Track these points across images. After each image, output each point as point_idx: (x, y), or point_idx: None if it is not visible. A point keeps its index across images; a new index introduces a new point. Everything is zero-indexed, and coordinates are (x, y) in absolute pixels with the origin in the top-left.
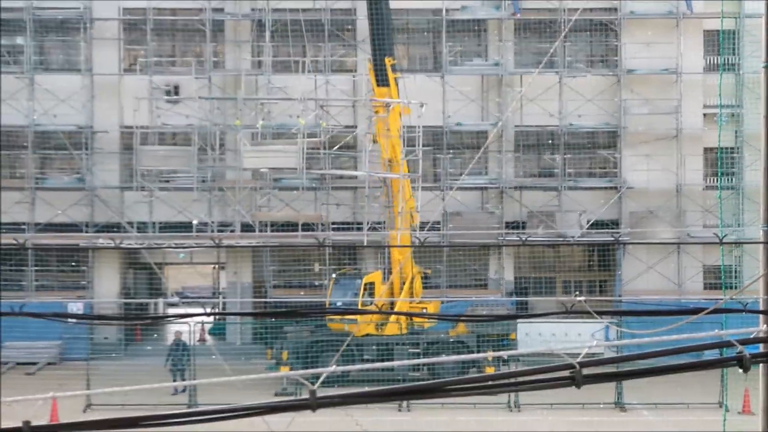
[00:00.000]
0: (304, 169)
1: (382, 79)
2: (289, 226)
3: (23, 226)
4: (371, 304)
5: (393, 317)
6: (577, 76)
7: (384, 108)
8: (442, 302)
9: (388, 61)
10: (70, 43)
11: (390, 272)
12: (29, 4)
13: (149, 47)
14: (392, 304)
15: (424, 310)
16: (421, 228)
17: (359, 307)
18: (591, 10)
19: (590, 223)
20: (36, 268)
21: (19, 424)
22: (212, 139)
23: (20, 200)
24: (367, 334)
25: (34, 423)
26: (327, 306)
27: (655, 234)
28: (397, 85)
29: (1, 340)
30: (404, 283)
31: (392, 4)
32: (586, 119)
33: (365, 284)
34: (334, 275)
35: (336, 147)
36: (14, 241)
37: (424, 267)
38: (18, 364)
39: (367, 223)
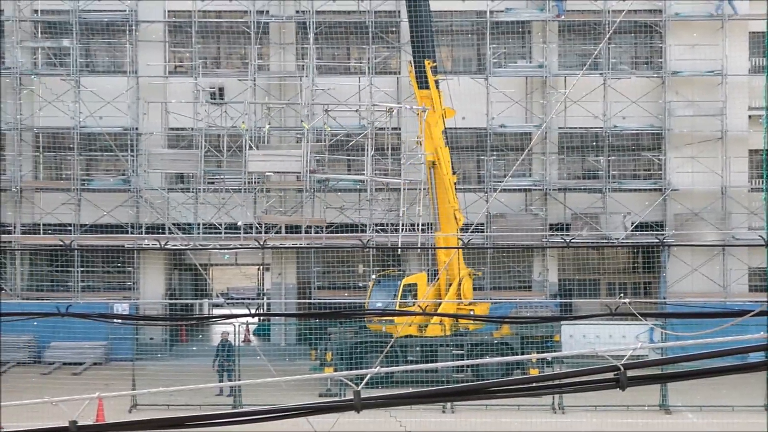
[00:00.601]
0: (308, 173)
1: (422, 82)
2: (334, 228)
3: (69, 227)
4: (413, 305)
5: (436, 319)
6: (621, 78)
7: (425, 111)
8: (491, 304)
9: (428, 63)
10: (115, 46)
11: (437, 273)
12: (76, 7)
13: (194, 50)
14: (436, 305)
15: (471, 312)
16: (465, 229)
17: (397, 308)
18: (635, 11)
19: (635, 225)
20: (82, 269)
21: (66, 424)
22: (256, 141)
23: (66, 201)
24: (410, 336)
25: (81, 423)
26: (366, 307)
27: (700, 236)
28: (439, 87)
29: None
30: (451, 285)
31: (436, 6)
32: (631, 121)
33: (406, 285)
34: (374, 276)
35: (345, 149)
36: (60, 242)
37: (473, 269)
38: (64, 364)
39: (373, 226)
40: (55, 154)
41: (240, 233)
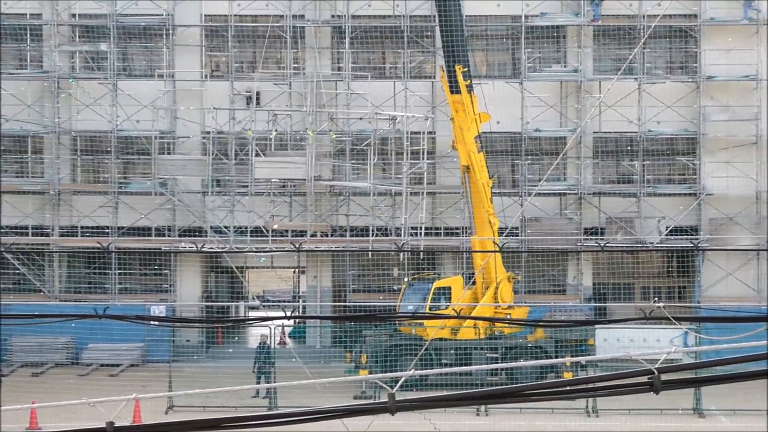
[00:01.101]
0: (313, 179)
1: (454, 87)
2: (366, 232)
3: (107, 230)
4: (446, 308)
5: (469, 322)
6: (656, 83)
7: (459, 114)
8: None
9: (458, 68)
10: (152, 50)
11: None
12: (113, 11)
13: (230, 54)
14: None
15: (508, 316)
16: (501, 233)
17: (427, 311)
18: (670, 16)
19: (669, 229)
20: (119, 271)
21: (103, 425)
22: (290, 145)
23: (104, 204)
24: (444, 339)
25: (118, 424)
26: (397, 310)
27: (734, 240)
28: (472, 91)
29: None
30: (488, 288)
31: (472, 11)
32: (665, 125)
33: (438, 289)
34: (407, 280)
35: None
36: (98, 245)
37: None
38: (102, 365)
39: (374, 230)
40: (93, 157)
41: (268, 237)
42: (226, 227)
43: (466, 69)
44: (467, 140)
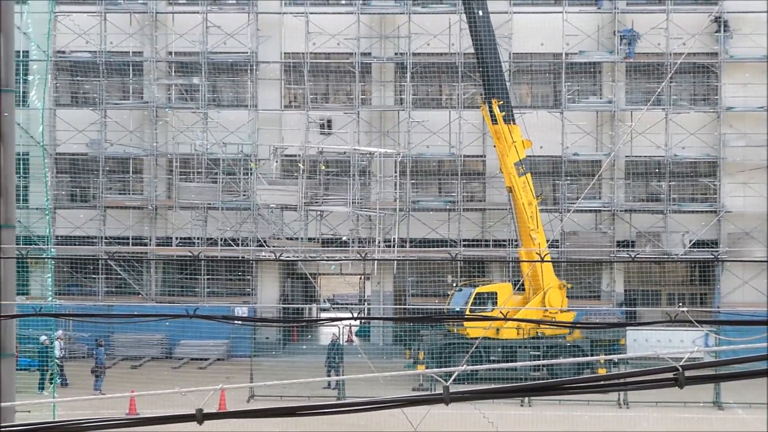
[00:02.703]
0: (303, 204)
1: (493, 118)
2: (426, 243)
3: (197, 241)
4: (491, 310)
5: (510, 323)
6: (681, 113)
7: (500, 141)
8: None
9: (495, 102)
10: (238, 83)
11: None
12: (204, 49)
13: (306, 86)
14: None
15: (553, 319)
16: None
17: (467, 313)
18: (694, 54)
19: (692, 242)
20: (207, 276)
21: (193, 412)
22: (356, 167)
23: (194, 218)
24: (488, 338)
25: (206, 410)
26: (445, 312)
27: (750, 253)
28: (509, 122)
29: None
30: (535, 294)
31: (518, 48)
32: (689, 151)
33: (479, 294)
34: (455, 285)
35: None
36: (189, 254)
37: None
38: (192, 359)
39: (379, 243)
40: (186, 177)
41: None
42: (300, 238)
43: (501, 102)
44: (507, 165)
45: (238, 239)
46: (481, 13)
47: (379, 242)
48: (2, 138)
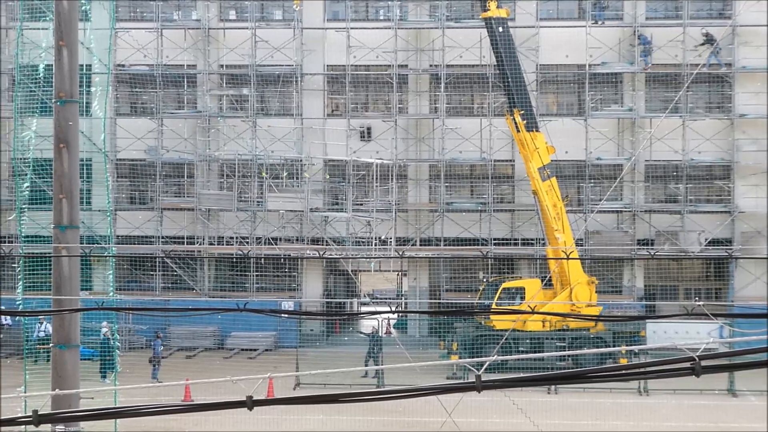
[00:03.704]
0: (308, 210)
1: (517, 127)
2: (459, 242)
3: (247, 240)
4: (519, 304)
5: (536, 316)
6: (697, 120)
7: (524, 148)
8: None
9: (516, 112)
10: (284, 93)
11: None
12: (253, 62)
13: (347, 96)
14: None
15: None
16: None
17: (494, 307)
18: (710, 64)
19: (708, 241)
20: (256, 273)
21: (243, 398)
22: (393, 170)
23: (244, 219)
24: (516, 330)
25: (255, 397)
26: (475, 307)
27: (762, 250)
28: (532, 129)
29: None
30: (563, 289)
31: (545, 60)
32: (705, 155)
33: (506, 289)
34: (485, 281)
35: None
36: (240, 252)
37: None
38: (242, 350)
39: (378, 242)
40: (238, 180)
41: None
42: (343, 238)
43: (523, 111)
44: (530, 170)
45: (282, 238)
46: (501, 29)
47: (415, 241)
48: (67, 145)
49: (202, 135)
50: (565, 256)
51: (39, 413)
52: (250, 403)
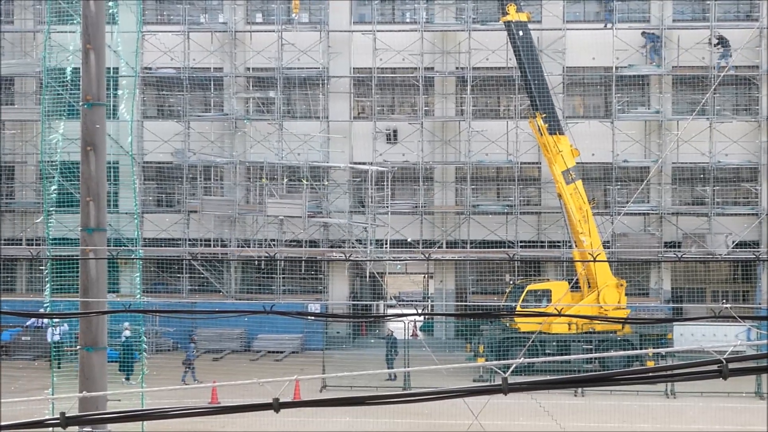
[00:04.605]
0: (306, 216)
1: (540, 130)
2: (485, 244)
3: (273, 243)
4: (545, 306)
5: (561, 319)
6: (724, 122)
7: (547, 152)
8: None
9: (538, 115)
10: (311, 96)
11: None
12: (279, 65)
13: (374, 99)
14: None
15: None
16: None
17: (518, 309)
18: (736, 67)
19: (735, 243)
20: (283, 275)
21: (270, 400)
22: (421, 172)
23: (271, 222)
24: (542, 332)
25: (282, 399)
26: (501, 308)
27: None
28: (555, 133)
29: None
30: (590, 291)
31: (572, 62)
32: (732, 157)
33: (531, 291)
34: (511, 283)
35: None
36: (267, 254)
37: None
38: (269, 352)
39: (375, 245)
40: (263, 182)
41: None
42: (368, 240)
43: (545, 115)
44: (555, 173)
45: (306, 240)
46: (521, 33)
47: (441, 243)
48: (95, 148)
49: (229, 137)
50: (592, 259)
51: (66, 415)
52: (276, 406)
